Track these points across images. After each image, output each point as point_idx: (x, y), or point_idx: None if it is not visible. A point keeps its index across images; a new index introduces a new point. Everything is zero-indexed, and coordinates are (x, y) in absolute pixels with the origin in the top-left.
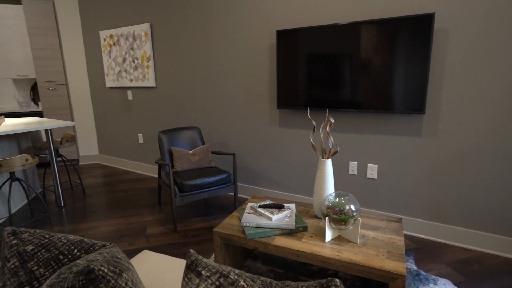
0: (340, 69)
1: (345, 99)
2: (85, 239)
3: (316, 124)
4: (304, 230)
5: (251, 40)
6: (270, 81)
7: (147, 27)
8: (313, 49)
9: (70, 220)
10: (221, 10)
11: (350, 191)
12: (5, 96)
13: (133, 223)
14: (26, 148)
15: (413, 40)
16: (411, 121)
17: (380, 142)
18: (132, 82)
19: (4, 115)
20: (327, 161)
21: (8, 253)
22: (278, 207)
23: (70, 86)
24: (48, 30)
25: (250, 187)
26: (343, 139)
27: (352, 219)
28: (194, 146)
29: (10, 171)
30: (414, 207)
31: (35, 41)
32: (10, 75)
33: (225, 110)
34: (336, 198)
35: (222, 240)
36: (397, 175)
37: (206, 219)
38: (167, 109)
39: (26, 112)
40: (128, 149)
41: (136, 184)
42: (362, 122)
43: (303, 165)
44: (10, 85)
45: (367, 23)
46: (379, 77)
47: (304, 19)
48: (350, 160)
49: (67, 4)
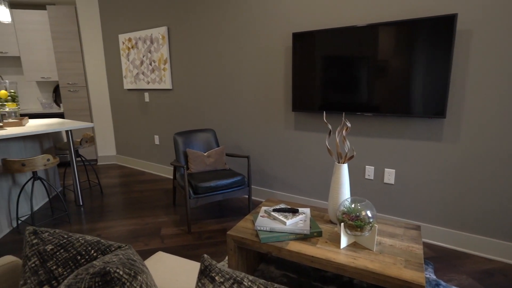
0: (357, 72)
1: (361, 102)
2: (101, 240)
3: (331, 127)
4: (319, 236)
5: (266, 43)
6: (286, 83)
7: (164, 31)
8: (329, 52)
9: (88, 219)
10: (237, 13)
11: (366, 196)
12: (30, 98)
13: (148, 224)
14: (48, 148)
15: (434, 42)
16: (430, 125)
17: (398, 146)
18: (149, 84)
19: (28, 116)
20: (343, 166)
21: (29, 252)
22: (292, 211)
23: (90, 88)
24: (70, 34)
25: (264, 190)
26: (360, 143)
27: (368, 225)
28: (209, 148)
29: (33, 171)
30: (433, 214)
31: (58, 45)
32: (34, 77)
33: (240, 112)
34: (352, 204)
35: (235, 244)
36: (416, 181)
37: (220, 221)
38: (182, 111)
39: (48, 113)
40: (144, 150)
41: (152, 185)
42: (379, 126)
43: (318, 168)
44: (34, 87)
45: (385, 25)
46: (397, 80)
47: (320, 21)
48: (367, 165)
49: (89, 9)
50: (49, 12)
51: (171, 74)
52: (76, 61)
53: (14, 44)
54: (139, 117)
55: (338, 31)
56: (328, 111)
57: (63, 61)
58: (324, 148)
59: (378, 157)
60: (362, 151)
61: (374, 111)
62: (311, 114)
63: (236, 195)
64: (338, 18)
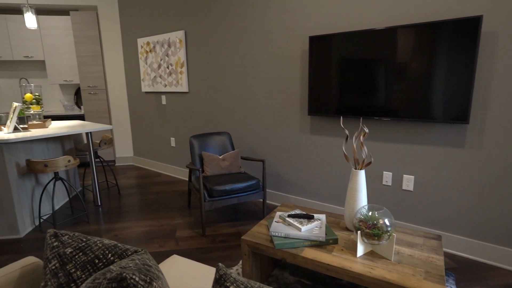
0: (375, 76)
1: (379, 106)
2: (118, 244)
3: (348, 132)
4: (335, 243)
5: (282, 46)
6: (302, 87)
7: (181, 34)
8: (346, 55)
9: (106, 219)
10: (254, 17)
11: (383, 203)
12: (53, 100)
13: (163, 225)
14: (69, 149)
15: (457, 44)
16: (452, 131)
17: (418, 152)
18: (166, 87)
19: (51, 118)
20: (360, 172)
21: (50, 254)
22: (307, 218)
23: (109, 90)
24: (92, 38)
25: (279, 194)
26: (377, 148)
27: (386, 234)
28: (224, 151)
29: (55, 171)
30: (455, 223)
31: (80, 49)
32: (57, 80)
33: (256, 115)
34: (369, 212)
35: (250, 249)
36: (436, 188)
37: (234, 225)
38: (198, 114)
39: (70, 115)
40: (161, 152)
41: (168, 187)
42: (397, 131)
43: (334, 173)
44: (57, 90)
45: (405, 28)
46: (417, 85)
47: (337, 24)
48: (384, 170)
49: (109, 14)
50: (72, 18)
51: (187, 77)
52: (97, 64)
53: (40, 49)
54: (156, 120)
55: (355, 34)
56: (345, 116)
57: (85, 64)
58: (340, 153)
59: (396, 163)
60: (379, 157)
61: (392, 115)
62: (327, 118)
63: (250, 198)
64: (355, 21)
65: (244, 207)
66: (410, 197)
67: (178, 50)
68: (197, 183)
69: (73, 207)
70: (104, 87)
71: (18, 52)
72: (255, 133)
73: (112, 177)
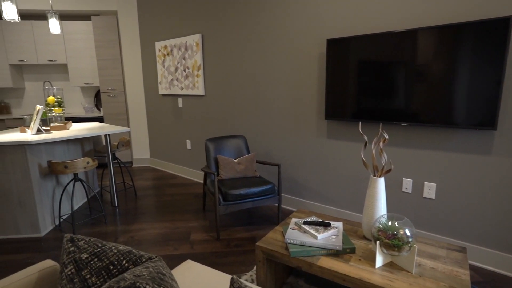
0: (395, 80)
1: (399, 111)
2: (133, 250)
3: (367, 138)
4: (352, 252)
5: (299, 50)
6: (319, 91)
7: (198, 38)
8: (365, 59)
9: (123, 220)
10: (270, 20)
11: (402, 211)
12: (74, 102)
13: (178, 228)
14: (88, 151)
15: (484, 46)
16: (478, 137)
17: (440, 159)
18: (183, 90)
19: (71, 120)
20: (379, 180)
21: (66, 259)
22: (324, 225)
23: (127, 93)
24: (112, 42)
25: (294, 199)
26: (396, 153)
27: (407, 245)
28: (239, 154)
29: (74, 173)
30: (481, 235)
31: (100, 52)
32: (78, 83)
33: (272, 119)
34: (389, 221)
35: (264, 255)
36: (460, 197)
37: (249, 229)
38: (214, 117)
39: (90, 117)
40: (177, 154)
41: (183, 189)
42: (418, 136)
43: (351, 179)
44: (78, 92)
45: (426, 30)
46: (439, 89)
47: (355, 27)
48: (404, 177)
49: (129, 19)
50: (94, 22)
51: (204, 80)
52: (116, 67)
53: (62, 53)
54: (172, 122)
55: (375, 37)
56: (363, 120)
57: (104, 67)
58: (357, 158)
59: (417, 170)
60: (399, 163)
61: (412, 120)
62: (344, 122)
63: (265, 203)
64: (374, 23)
65: (259, 211)
66: (432, 206)
67: (194, 54)
68: (212, 187)
69: (91, 208)
70: (123, 89)
71: (43, 56)
72: (270, 137)
73: (129, 178)
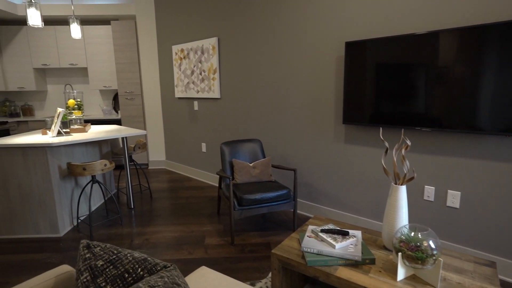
0: (416, 84)
1: (420, 116)
2: (148, 258)
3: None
4: (372, 263)
5: (317, 53)
6: (336, 95)
7: (215, 41)
8: (385, 62)
9: (138, 222)
10: (287, 23)
11: (424, 219)
12: (93, 105)
13: (193, 231)
14: (106, 153)
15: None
16: (508, 144)
17: (465, 166)
18: (199, 93)
19: (90, 122)
20: (401, 188)
21: (82, 266)
22: (342, 234)
23: (144, 96)
24: (130, 46)
25: (310, 204)
26: (418, 160)
27: (432, 258)
28: (255, 158)
29: (92, 175)
30: (510, 247)
31: (118, 56)
32: (98, 86)
33: (288, 123)
34: (412, 232)
35: (280, 263)
36: (488, 206)
37: (264, 235)
38: (229, 120)
39: (108, 119)
40: (192, 157)
41: (198, 192)
42: (440, 142)
43: (369, 185)
44: (97, 95)
45: (450, 32)
46: (463, 93)
47: (375, 29)
48: (426, 185)
49: (146, 23)
50: (113, 27)
51: (219, 84)
52: (134, 71)
53: (83, 57)
54: (188, 125)
55: (394, 39)
56: (383, 125)
57: (123, 71)
58: (376, 164)
59: (440, 177)
60: (420, 169)
61: (434, 125)
62: (363, 127)
63: (281, 208)
64: (393, 25)
65: (274, 216)
66: (456, 215)
67: (211, 57)
68: (227, 191)
69: (108, 209)
70: (140, 92)
71: (64, 60)
72: (286, 140)
73: (145, 180)
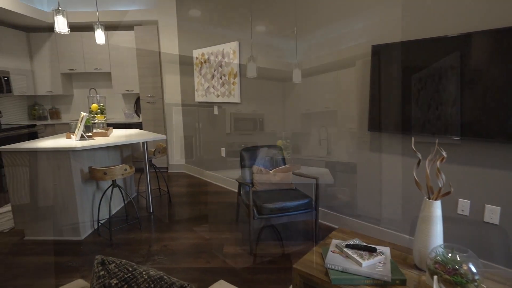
0: (447, 89)
1: (453, 124)
2: (164, 276)
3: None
4: (402, 284)
5: (341, 57)
6: (361, 100)
7: (235, 46)
8: (414, 66)
9: (157, 227)
10: (309, 27)
11: (458, 236)
12: (115, 108)
13: (211, 239)
14: (127, 157)
15: None
16: None
17: (506, 179)
18: (219, 98)
19: (112, 126)
20: (435, 203)
21: (96, 285)
22: (369, 250)
23: (165, 100)
24: (152, 51)
25: (332, 214)
26: (450, 171)
27: (473, 284)
28: (275, 165)
29: (112, 179)
30: None
31: (141, 60)
32: (120, 90)
33: (309, 129)
34: (448, 253)
35: (302, 279)
36: None
37: (284, 245)
38: (250, 125)
39: (129, 123)
40: (211, 162)
41: (217, 197)
42: (475, 153)
43: (397, 196)
44: (120, 99)
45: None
46: (502, 100)
47: (403, 32)
48: (460, 198)
49: (168, 28)
50: (136, 32)
51: (240, 88)
52: (155, 75)
53: (107, 62)
54: (208, 129)
55: (424, 42)
56: (413, 133)
57: (145, 75)
58: (403, 173)
59: (476, 190)
60: (453, 181)
61: (469, 134)
62: (390, 134)
63: (302, 218)
64: (422, 28)
65: (295, 226)
66: (495, 232)
67: (231, 61)
68: (246, 198)
69: (127, 213)
70: (161, 96)
71: (90, 65)
72: (308, 147)
73: (164, 184)
